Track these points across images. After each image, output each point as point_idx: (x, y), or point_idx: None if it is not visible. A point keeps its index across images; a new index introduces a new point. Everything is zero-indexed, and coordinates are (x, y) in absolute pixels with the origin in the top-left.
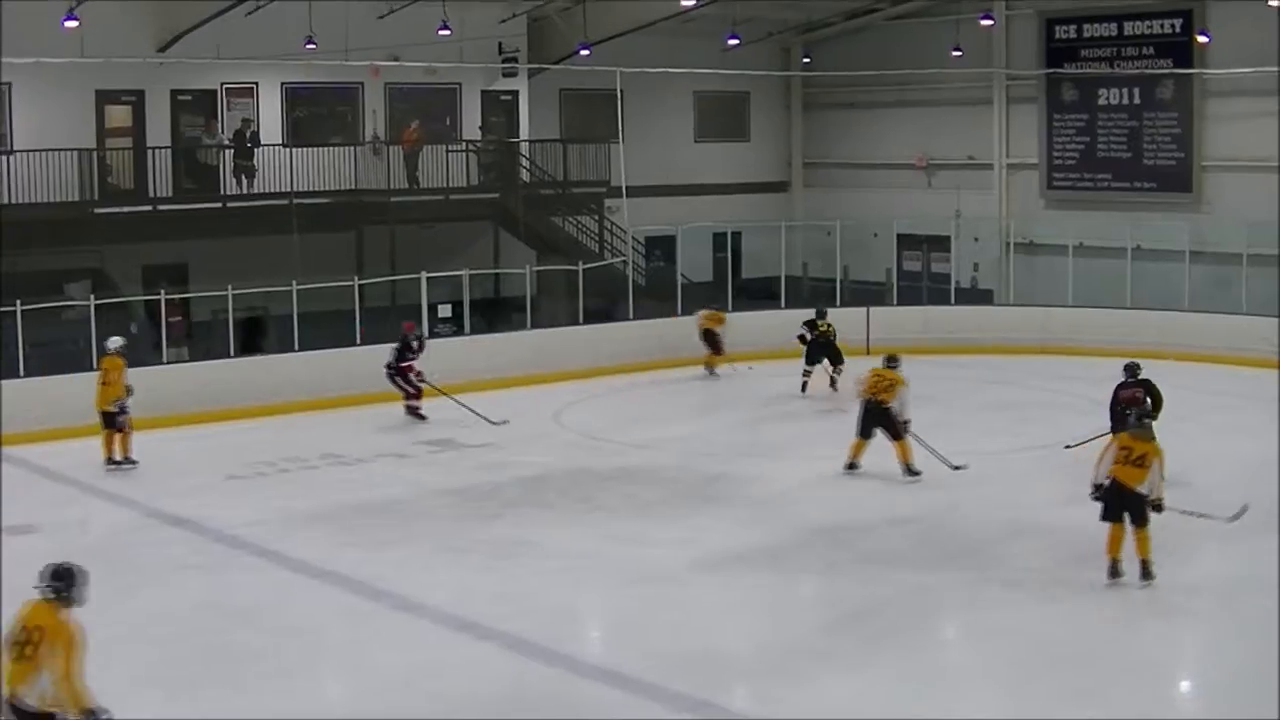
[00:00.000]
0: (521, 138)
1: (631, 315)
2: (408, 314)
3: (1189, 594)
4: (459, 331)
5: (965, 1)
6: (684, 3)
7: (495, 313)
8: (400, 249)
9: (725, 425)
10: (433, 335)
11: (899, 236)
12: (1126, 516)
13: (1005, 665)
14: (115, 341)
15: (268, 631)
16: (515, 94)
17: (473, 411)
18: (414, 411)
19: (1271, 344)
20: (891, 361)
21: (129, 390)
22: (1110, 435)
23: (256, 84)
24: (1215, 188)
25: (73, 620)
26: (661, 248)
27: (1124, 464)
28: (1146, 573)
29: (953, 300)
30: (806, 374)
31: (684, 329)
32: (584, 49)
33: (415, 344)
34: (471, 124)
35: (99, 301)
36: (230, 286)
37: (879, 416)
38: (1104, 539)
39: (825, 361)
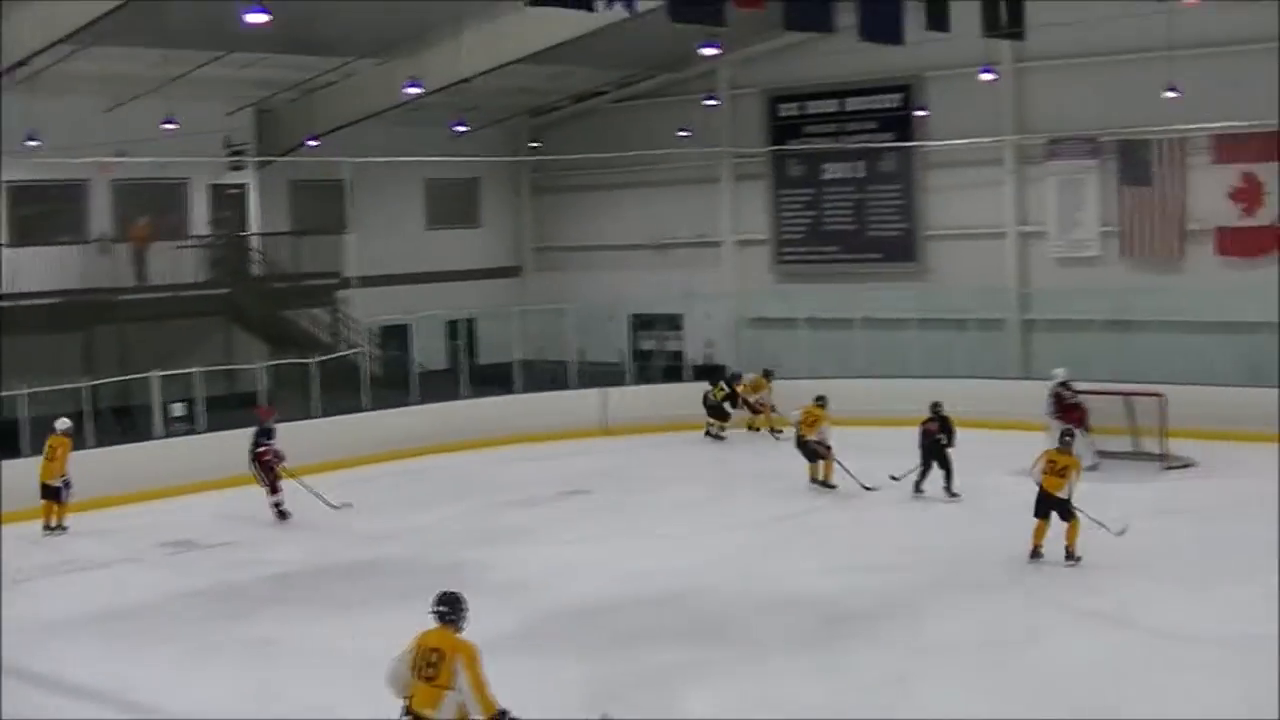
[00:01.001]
0: (251, 231)
1: (368, 406)
2: (140, 413)
3: (936, 654)
4: (193, 430)
5: (691, 82)
6: (410, 91)
7: (230, 409)
8: (131, 347)
9: (467, 512)
10: (168, 434)
11: (633, 317)
12: (1054, 515)
13: None
14: (63, 423)
15: None
16: (244, 187)
17: (318, 496)
18: (278, 507)
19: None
20: (820, 400)
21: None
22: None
23: None
24: (938, 256)
25: (466, 637)
26: (396, 337)
27: (1050, 474)
28: (1070, 555)
29: (688, 377)
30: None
31: (419, 418)
32: (311, 140)
33: (271, 428)
34: (200, 218)
35: None
36: None
37: (802, 445)
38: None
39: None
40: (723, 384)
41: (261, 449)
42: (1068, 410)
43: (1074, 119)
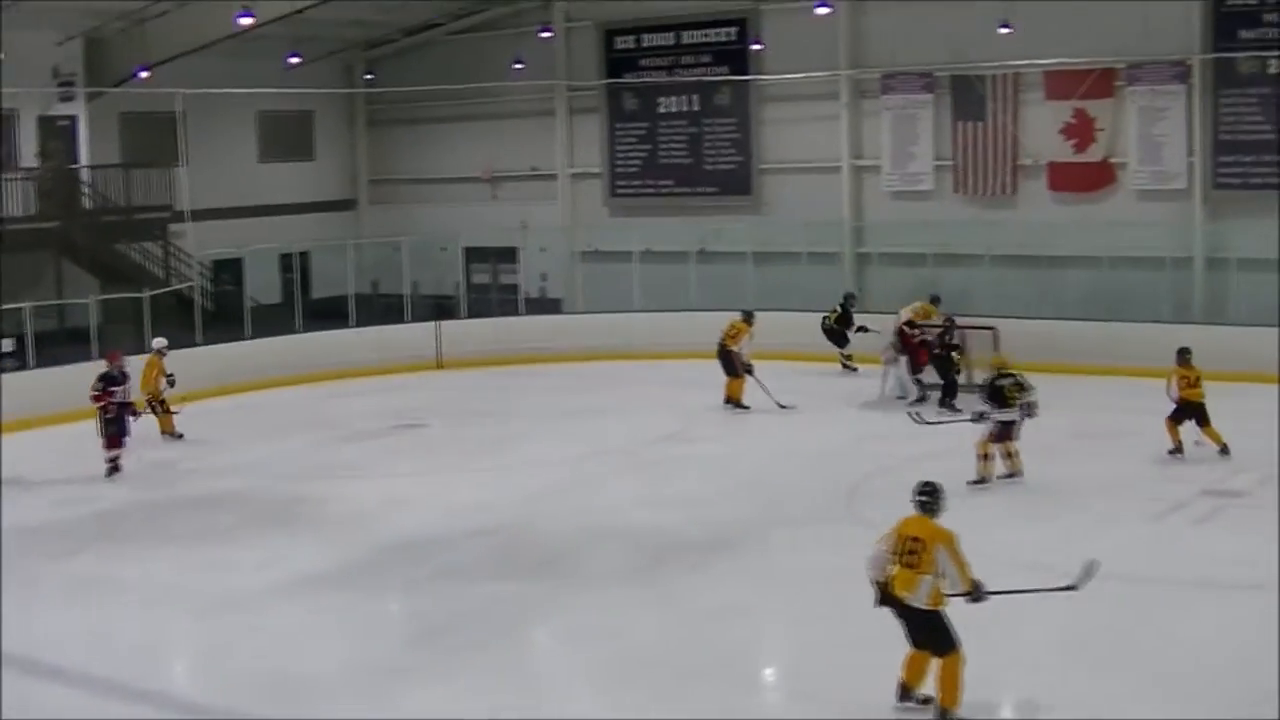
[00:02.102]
0: (81, 163)
1: (200, 341)
2: None
3: (767, 588)
4: (23, 366)
5: (525, 14)
6: (242, 22)
7: (61, 345)
8: None
9: (300, 447)
10: None
11: (467, 250)
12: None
13: (591, 670)
14: (157, 341)
15: None
16: (73, 119)
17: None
18: (112, 462)
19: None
20: (746, 315)
21: (169, 382)
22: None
23: None
24: (773, 190)
25: (943, 523)
26: (229, 271)
27: (1187, 387)
28: (1225, 449)
29: (522, 310)
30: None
31: (252, 353)
32: (143, 71)
33: (119, 375)
34: (28, 151)
35: None
36: None
37: (724, 357)
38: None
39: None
40: (838, 306)
41: (95, 395)
42: (915, 349)
43: (909, 54)
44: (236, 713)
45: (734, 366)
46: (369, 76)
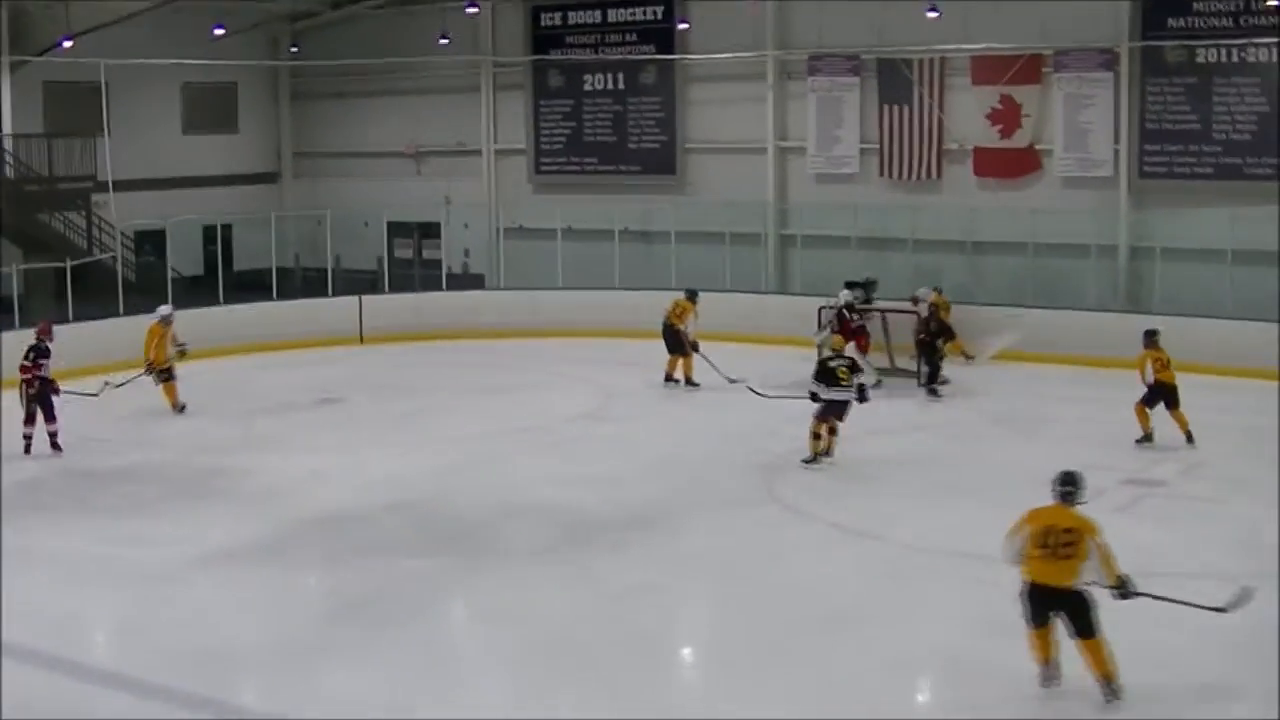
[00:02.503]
0: (3, 132)
1: (122, 311)
2: None
3: (683, 569)
4: None
5: None
6: None
7: None
8: None
9: (221, 420)
10: None
11: (390, 224)
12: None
13: (507, 646)
14: (165, 309)
15: None
16: None
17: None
18: (29, 439)
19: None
20: (691, 294)
21: (181, 350)
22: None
23: None
24: (697, 170)
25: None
26: (151, 242)
27: (1163, 370)
28: (1191, 438)
29: (444, 286)
30: None
31: (175, 324)
32: (67, 40)
33: (47, 349)
34: None
35: None
36: None
37: (671, 335)
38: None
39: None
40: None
41: (24, 366)
42: (854, 334)
43: (835, 36)
44: (157, 685)
45: (681, 344)
46: (294, 49)
